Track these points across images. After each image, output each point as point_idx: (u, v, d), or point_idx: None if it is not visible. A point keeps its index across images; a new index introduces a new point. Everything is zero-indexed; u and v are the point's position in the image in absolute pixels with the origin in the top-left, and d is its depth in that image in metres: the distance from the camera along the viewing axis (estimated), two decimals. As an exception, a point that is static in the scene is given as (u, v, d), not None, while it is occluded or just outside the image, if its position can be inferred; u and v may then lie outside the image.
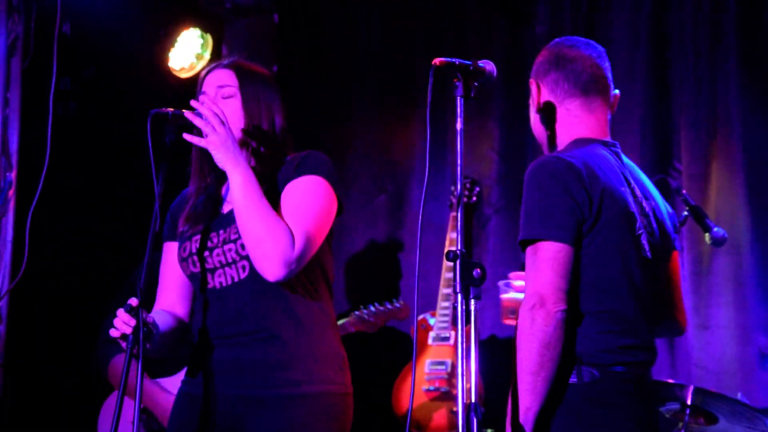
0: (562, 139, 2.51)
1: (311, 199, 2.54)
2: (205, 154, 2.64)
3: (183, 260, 2.62)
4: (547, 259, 2.27)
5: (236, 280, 2.55)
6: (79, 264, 5.18)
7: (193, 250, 2.61)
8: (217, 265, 2.57)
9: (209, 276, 2.58)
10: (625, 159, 2.55)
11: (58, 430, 4.96)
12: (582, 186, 2.31)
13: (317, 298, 2.59)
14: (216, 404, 2.54)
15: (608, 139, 2.52)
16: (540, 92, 2.53)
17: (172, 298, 2.69)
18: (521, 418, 2.27)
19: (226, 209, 2.64)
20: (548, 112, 2.52)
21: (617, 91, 2.58)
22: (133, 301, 2.37)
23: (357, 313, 4.11)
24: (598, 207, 2.32)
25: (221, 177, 2.66)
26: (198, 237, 2.60)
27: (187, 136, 2.46)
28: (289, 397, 2.51)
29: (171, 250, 2.72)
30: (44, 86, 4.21)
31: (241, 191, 2.46)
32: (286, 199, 2.55)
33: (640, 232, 2.40)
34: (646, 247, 2.41)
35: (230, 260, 2.55)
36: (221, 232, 2.59)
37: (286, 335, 2.54)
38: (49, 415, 5.00)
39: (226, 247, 2.56)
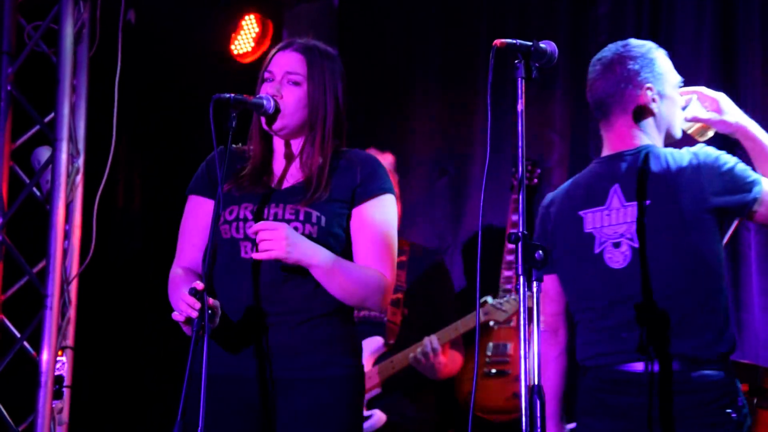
0: None
1: (390, 223, 2.65)
2: (265, 146, 2.67)
3: (227, 222, 2.59)
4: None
5: (282, 274, 2.56)
6: (144, 248, 5.27)
7: (241, 216, 2.59)
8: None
9: (249, 245, 2.56)
10: (636, 163, 2.64)
11: (127, 414, 5.06)
12: (541, 222, 2.79)
13: None
14: (252, 385, 2.56)
15: (613, 152, 2.72)
16: None
17: (197, 256, 2.66)
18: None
19: (277, 184, 2.65)
20: None
21: (649, 84, 2.71)
22: (199, 285, 2.39)
23: (491, 302, 4.19)
24: (551, 240, 2.73)
25: (272, 156, 2.68)
26: (248, 204, 2.60)
27: (256, 255, 2.47)
28: (316, 380, 2.54)
29: (201, 204, 2.68)
30: (110, 73, 4.28)
31: (326, 278, 2.53)
32: (372, 222, 2.61)
33: (601, 248, 2.64)
34: (614, 259, 2.62)
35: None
36: (273, 206, 2.59)
37: (314, 319, 2.57)
38: (118, 399, 5.10)
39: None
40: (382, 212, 2.63)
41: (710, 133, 2.84)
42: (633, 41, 2.76)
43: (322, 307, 2.58)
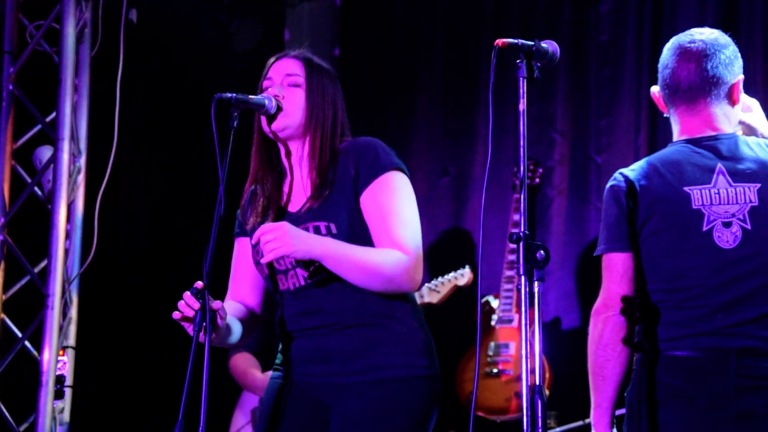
0: None
1: (401, 198, 2.60)
2: (265, 151, 2.67)
3: (257, 263, 2.64)
4: (605, 269, 2.56)
5: (310, 280, 2.56)
6: (146, 248, 5.27)
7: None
8: (289, 266, 2.58)
9: (282, 277, 2.59)
10: (733, 147, 2.59)
11: (128, 413, 5.06)
12: (629, 197, 2.57)
13: None
14: (303, 391, 2.58)
15: (704, 134, 2.62)
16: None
17: (243, 290, 2.70)
18: (595, 415, 2.55)
19: (291, 207, 2.65)
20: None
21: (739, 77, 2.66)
22: (199, 284, 2.39)
23: (425, 284, 4.15)
24: (645, 215, 2.55)
25: (281, 173, 2.69)
26: None
27: (265, 259, 2.48)
28: (369, 383, 2.52)
29: (242, 245, 2.72)
30: (112, 73, 4.28)
31: (341, 267, 2.51)
32: (378, 205, 2.57)
33: (710, 225, 2.52)
34: (724, 238, 2.51)
35: (302, 261, 2.54)
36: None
37: (363, 324, 2.55)
38: (119, 399, 5.10)
39: None
40: (387, 190, 2.59)
41: None
42: (718, 31, 2.72)
43: (370, 308, 2.56)
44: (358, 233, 2.56)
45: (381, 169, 2.60)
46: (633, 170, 2.61)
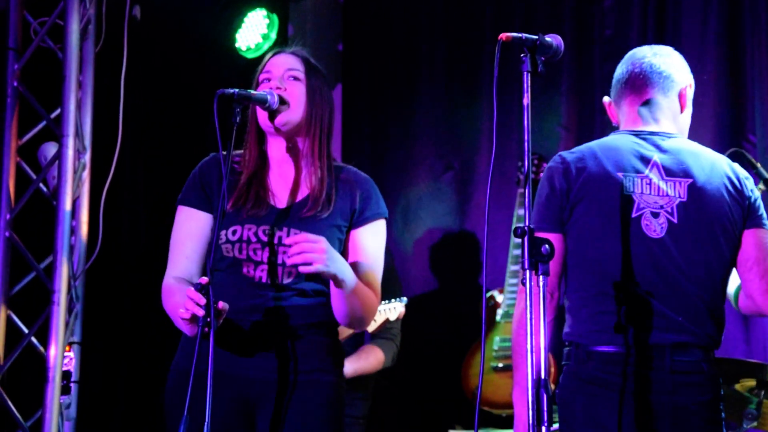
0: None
1: (382, 247, 2.73)
2: (260, 141, 2.68)
3: (229, 242, 2.62)
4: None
5: (278, 281, 2.60)
6: (150, 243, 5.27)
7: (244, 237, 2.61)
8: (264, 260, 2.60)
9: (251, 266, 2.61)
10: (667, 143, 2.66)
11: (134, 409, 5.07)
12: (563, 177, 2.62)
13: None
14: (234, 384, 2.59)
15: (647, 127, 2.71)
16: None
17: (192, 267, 2.67)
18: (514, 393, 2.60)
19: (277, 203, 2.66)
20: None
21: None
22: (203, 280, 2.39)
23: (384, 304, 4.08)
24: (576, 196, 2.58)
25: (267, 166, 2.70)
26: (251, 226, 2.62)
27: (303, 269, 2.47)
28: (304, 383, 2.60)
29: (198, 218, 2.69)
30: (116, 69, 4.28)
31: (344, 298, 2.57)
32: (368, 247, 2.68)
33: (639, 213, 2.57)
34: (652, 227, 2.56)
35: (280, 262, 2.59)
36: (276, 230, 2.61)
37: (310, 331, 2.63)
38: (125, 394, 5.11)
39: (280, 249, 2.59)
40: (378, 238, 2.70)
41: None
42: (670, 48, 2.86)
43: (318, 318, 2.65)
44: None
45: (379, 215, 2.72)
46: (572, 153, 2.67)
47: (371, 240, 2.68)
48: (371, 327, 3.98)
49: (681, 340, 2.52)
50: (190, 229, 2.70)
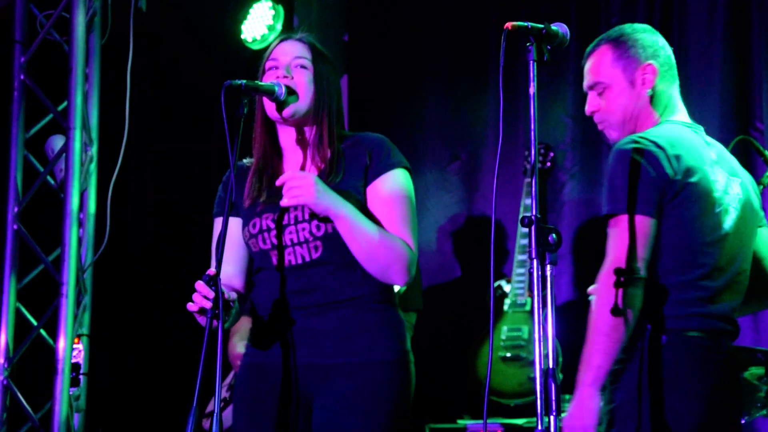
0: (646, 121, 2.64)
1: (407, 196, 2.62)
2: (268, 130, 2.68)
3: (252, 236, 2.62)
4: (625, 230, 2.44)
5: (307, 259, 2.57)
6: (157, 235, 5.28)
7: (264, 227, 2.60)
8: (288, 243, 2.58)
9: (278, 252, 2.59)
10: (709, 139, 2.64)
11: (144, 400, 5.09)
12: (666, 162, 2.46)
13: None
14: (288, 374, 2.57)
15: (687, 121, 2.66)
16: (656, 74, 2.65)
17: (229, 271, 2.68)
18: (592, 375, 2.42)
19: None
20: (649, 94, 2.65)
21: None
22: (211, 271, 2.39)
23: None
24: (680, 183, 2.47)
25: (280, 152, 2.69)
26: (269, 215, 2.61)
27: (284, 201, 2.47)
28: (358, 365, 2.54)
29: (230, 225, 2.65)
30: (122, 61, 4.28)
31: (352, 233, 2.51)
32: (387, 197, 2.60)
33: (719, 209, 2.53)
34: (725, 224, 2.53)
35: (302, 239, 2.57)
36: (291, 209, 2.59)
37: (359, 306, 2.57)
38: (134, 386, 5.12)
39: (299, 227, 2.57)
40: (395, 185, 2.61)
41: None
42: None
43: (363, 290, 2.58)
44: None
45: (392, 165, 2.63)
46: (658, 137, 2.51)
47: (389, 190, 2.60)
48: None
49: (727, 329, 2.55)
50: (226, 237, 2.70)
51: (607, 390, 2.44)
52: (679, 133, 2.58)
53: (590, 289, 2.53)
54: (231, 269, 2.69)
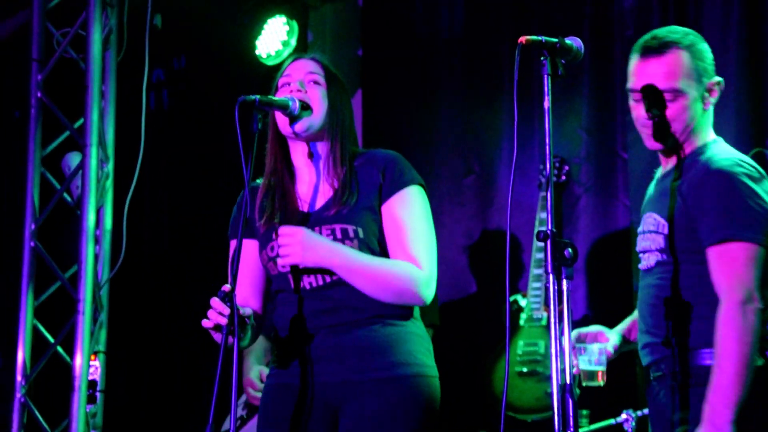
0: (699, 135, 2.61)
1: (421, 214, 2.63)
2: (280, 147, 2.68)
3: (271, 260, 2.62)
4: (750, 259, 2.42)
5: (328, 280, 2.57)
6: (172, 251, 5.29)
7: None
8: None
9: (296, 275, 2.59)
10: None
11: (160, 417, 5.09)
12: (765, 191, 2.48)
13: None
14: (313, 392, 2.56)
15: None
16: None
17: (245, 293, 2.68)
18: (731, 409, 2.36)
19: (307, 207, 2.65)
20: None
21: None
22: (226, 287, 2.39)
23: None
24: None
25: (292, 170, 2.69)
26: None
27: (279, 261, 2.51)
28: (384, 380, 2.53)
29: (244, 246, 2.67)
30: (137, 78, 4.30)
31: (351, 277, 2.53)
32: (399, 216, 2.60)
33: None
34: None
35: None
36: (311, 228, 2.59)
37: (382, 323, 2.57)
38: (150, 403, 5.13)
39: None
40: (409, 204, 2.62)
41: None
42: None
43: (386, 307, 2.57)
44: (373, 245, 2.59)
45: (406, 182, 2.63)
46: (751, 162, 2.52)
47: (402, 209, 2.60)
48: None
49: None
50: (241, 258, 2.69)
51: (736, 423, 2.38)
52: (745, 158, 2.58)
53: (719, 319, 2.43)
54: (247, 290, 2.69)
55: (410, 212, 2.61)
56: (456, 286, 5.09)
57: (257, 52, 5.24)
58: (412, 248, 2.57)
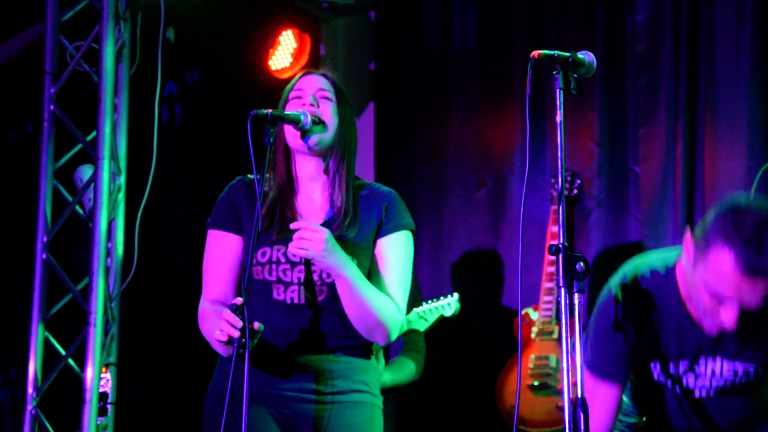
0: None
1: (407, 260, 2.70)
2: (287, 161, 2.69)
3: (259, 264, 2.62)
4: None
5: (310, 301, 2.60)
6: (184, 264, 5.30)
7: (274, 259, 2.61)
8: (295, 281, 2.60)
9: (281, 288, 2.61)
10: None
11: (169, 429, 5.08)
12: None
13: None
14: (273, 405, 2.59)
15: None
16: None
17: (226, 289, 2.68)
18: None
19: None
20: None
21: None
22: (238, 301, 2.40)
23: (414, 310, 4.09)
24: None
25: (294, 184, 2.70)
26: (281, 247, 2.61)
27: (291, 250, 2.51)
28: (344, 403, 2.60)
29: (229, 241, 2.69)
30: (150, 91, 4.32)
31: (350, 294, 2.56)
32: (390, 257, 2.67)
33: None
34: None
35: (310, 280, 2.59)
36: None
37: (347, 352, 2.64)
38: (161, 415, 5.13)
39: (312, 267, 2.59)
40: (402, 247, 2.68)
41: None
42: None
43: (355, 337, 2.63)
44: (365, 271, 2.62)
45: (404, 226, 2.69)
46: None
47: (392, 250, 2.67)
48: (423, 325, 4.01)
49: None
50: (222, 252, 2.71)
51: None
52: None
53: None
54: (229, 289, 2.70)
55: (400, 255, 2.67)
56: (467, 299, 5.08)
57: (269, 66, 5.26)
58: (393, 289, 2.64)
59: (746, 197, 2.40)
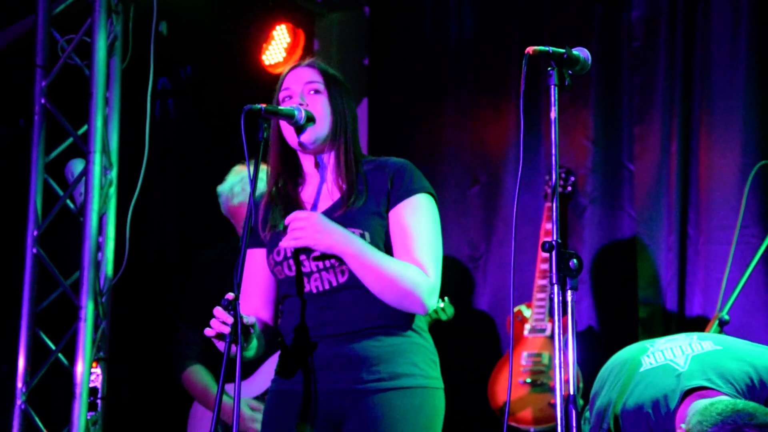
0: None
1: (429, 222, 2.60)
2: (283, 157, 2.66)
3: (277, 264, 2.61)
4: None
5: (334, 284, 2.56)
6: (176, 259, 5.29)
7: (289, 254, 2.59)
8: (314, 269, 2.57)
9: (305, 280, 2.58)
10: None
11: (161, 425, 5.07)
12: None
13: None
14: (317, 401, 2.55)
15: None
16: None
17: (256, 303, 2.68)
18: None
19: (309, 209, 2.65)
20: None
21: None
22: (230, 296, 2.38)
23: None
24: None
25: (296, 178, 2.68)
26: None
27: (284, 243, 2.48)
28: (390, 390, 2.52)
29: (253, 256, 2.69)
30: (142, 85, 4.30)
31: (361, 268, 2.50)
32: (406, 223, 2.58)
33: None
34: None
35: (328, 265, 2.55)
36: None
37: (386, 332, 2.55)
38: (152, 410, 5.11)
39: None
40: (418, 211, 2.60)
41: None
42: None
43: (392, 317, 2.56)
44: (383, 243, 2.57)
45: (415, 190, 2.61)
46: None
47: (410, 216, 2.58)
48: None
49: None
50: (248, 267, 2.68)
51: None
52: None
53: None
54: (259, 301, 2.69)
55: (418, 219, 2.59)
56: (460, 296, 5.07)
57: (263, 60, 5.24)
58: (418, 255, 2.55)
59: (746, 413, 2.42)
